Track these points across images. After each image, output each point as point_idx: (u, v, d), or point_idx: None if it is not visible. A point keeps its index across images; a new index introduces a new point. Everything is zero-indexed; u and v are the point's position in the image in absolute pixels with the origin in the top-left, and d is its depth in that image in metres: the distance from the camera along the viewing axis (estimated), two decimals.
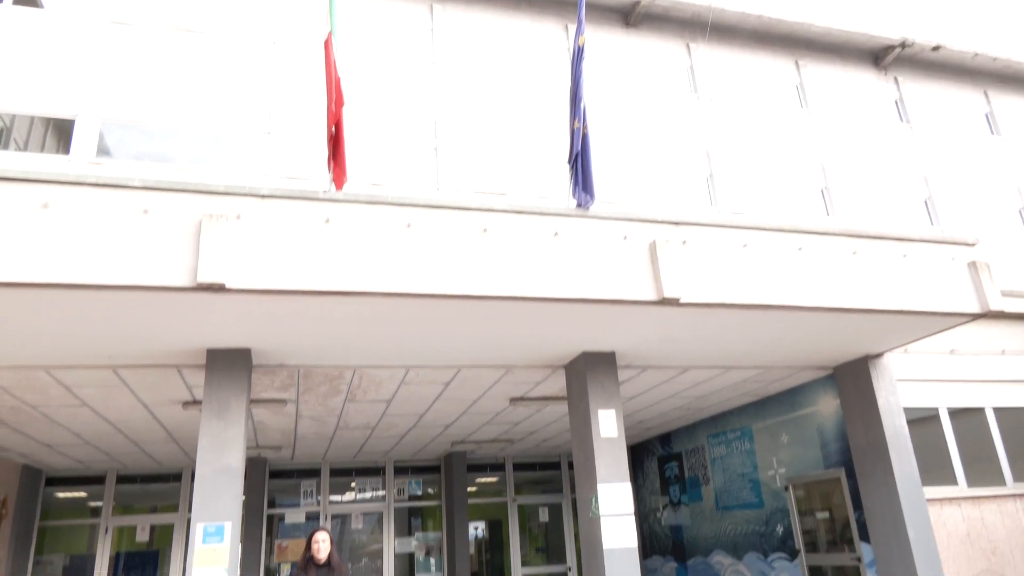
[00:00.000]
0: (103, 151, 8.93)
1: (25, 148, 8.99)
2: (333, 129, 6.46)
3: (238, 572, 6.38)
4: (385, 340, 6.85)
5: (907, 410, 9.13)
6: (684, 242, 6.52)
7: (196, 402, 8.27)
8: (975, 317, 7.31)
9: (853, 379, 9.01)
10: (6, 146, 8.69)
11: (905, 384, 9.49)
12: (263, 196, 5.62)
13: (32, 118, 8.96)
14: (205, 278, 5.18)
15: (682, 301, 6.32)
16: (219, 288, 5.27)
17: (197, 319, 5.95)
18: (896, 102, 13.21)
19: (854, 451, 8.99)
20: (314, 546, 5.63)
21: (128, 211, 5.24)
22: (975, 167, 12.91)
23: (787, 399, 10.43)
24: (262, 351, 6.92)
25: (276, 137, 9.44)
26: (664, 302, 6.30)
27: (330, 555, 5.63)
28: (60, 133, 9.05)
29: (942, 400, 9.78)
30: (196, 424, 9.44)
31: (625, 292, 6.22)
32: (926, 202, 12.23)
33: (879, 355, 8.83)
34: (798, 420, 10.21)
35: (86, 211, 5.16)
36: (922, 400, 9.63)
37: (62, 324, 5.82)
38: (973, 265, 7.30)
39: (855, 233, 7.20)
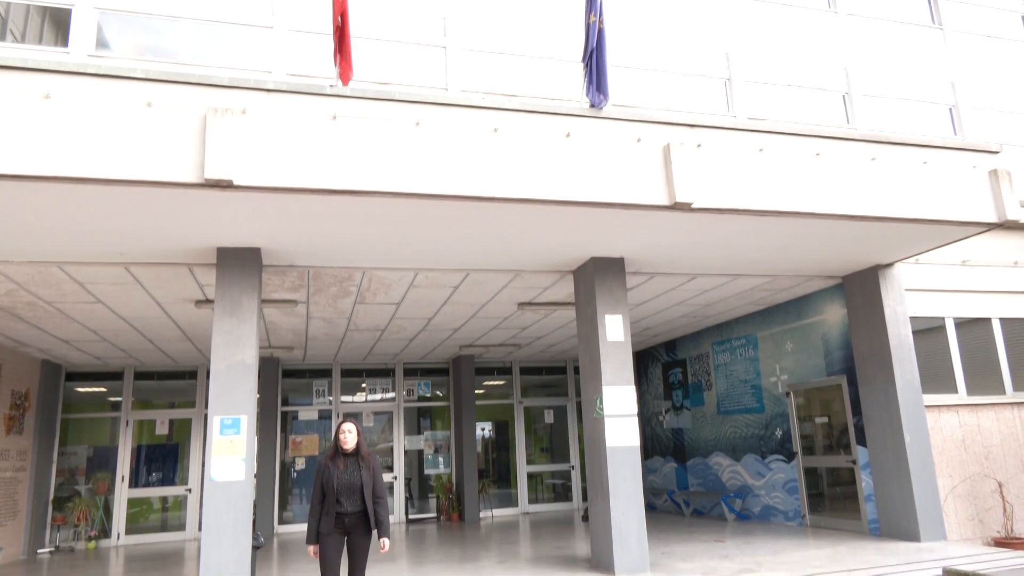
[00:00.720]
0: (102, 44, 8.66)
1: (23, 40, 8.72)
2: (339, 20, 6.20)
3: (254, 462, 6.65)
4: (394, 241, 6.84)
5: (913, 320, 9.18)
6: (699, 145, 6.37)
7: (208, 301, 8.39)
8: (991, 227, 7.22)
9: (861, 288, 9.01)
10: (3, 37, 8.44)
11: (913, 294, 9.49)
12: (269, 90, 5.48)
13: (28, 7, 8.65)
14: (212, 174, 5.13)
15: (694, 206, 6.25)
16: (227, 185, 5.22)
17: (206, 217, 5.93)
18: (929, 1, 12.55)
19: (857, 359, 9.11)
20: (341, 436, 5.41)
21: (131, 103, 5.13)
22: (1005, 74, 12.40)
23: (793, 308, 10.49)
24: (272, 251, 6.94)
25: (279, 32, 9.11)
26: (676, 207, 6.22)
27: (358, 445, 5.44)
28: (58, 26, 8.75)
29: (949, 310, 9.80)
30: (209, 323, 9.63)
31: (637, 196, 6.14)
32: (951, 110, 11.84)
33: (890, 265, 8.80)
34: (803, 328, 10.29)
35: (88, 103, 5.05)
36: (929, 310, 9.65)
37: (72, 220, 5.82)
38: (994, 173, 7.13)
39: (875, 139, 7.01)
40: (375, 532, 5.45)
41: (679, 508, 13.12)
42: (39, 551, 11.80)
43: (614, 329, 7.76)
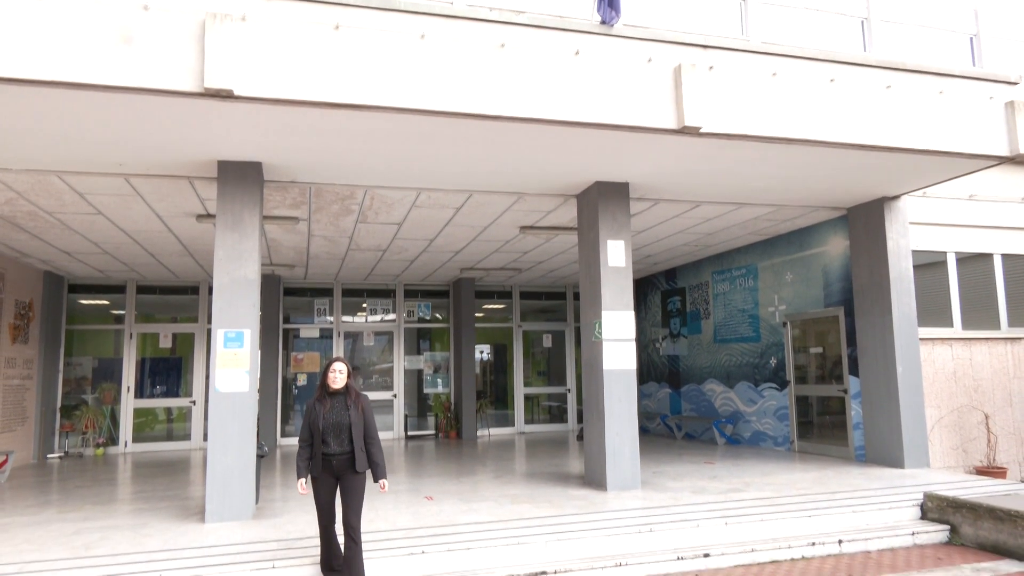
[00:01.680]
0: None
1: None
2: None
3: (257, 375, 6.79)
4: (397, 159, 6.76)
5: (915, 253, 9.19)
6: (711, 68, 6.21)
7: (209, 216, 8.35)
8: (1003, 160, 7.12)
9: (866, 220, 8.97)
10: None
11: (917, 227, 9.46)
12: None
13: None
14: (212, 83, 5.02)
15: (703, 131, 6.14)
16: (227, 95, 5.12)
17: (206, 128, 5.84)
18: None
19: (856, 291, 9.16)
20: (330, 375, 5.08)
21: (127, 5, 4.96)
22: None
23: (796, 239, 10.47)
24: (273, 166, 6.87)
25: None
26: (684, 131, 6.12)
27: (347, 385, 5.12)
28: None
29: (952, 245, 9.79)
30: (210, 238, 9.63)
31: (645, 119, 6.02)
32: (971, 39, 11.47)
33: (896, 197, 8.73)
34: (804, 260, 10.31)
35: (83, 3, 4.88)
36: (932, 244, 9.64)
37: (70, 128, 5.72)
38: (1010, 105, 6.98)
39: (892, 65, 6.83)
40: (368, 473, 5.18)
41: (671, 432, 13.47)
42: (48, 456, 12.18)
43: (616, 254, 7.77)
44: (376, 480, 5.08)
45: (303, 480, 5.02)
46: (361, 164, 6.88)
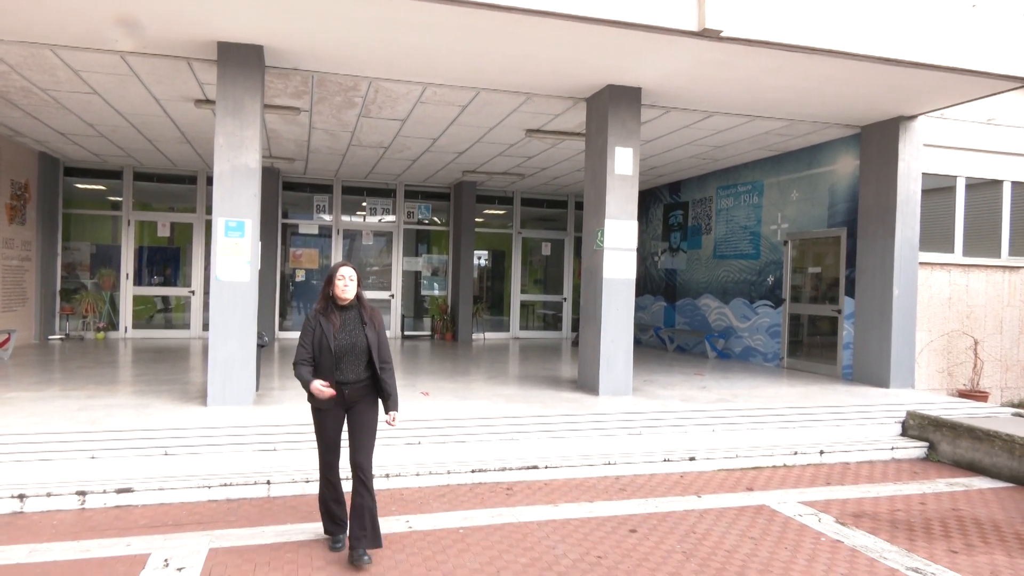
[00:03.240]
0: None
1: None
2: None
3: (258, 266, 6.79)
4: (403, 51, 6.51)
5: (925, 177, 9.07)
6: None
7: (208, 101, 8.12)
8: None
9: (879, 140, 8.80)
10: None
11: (930, 150, 9.30)
12: None
13: None
14: None
15: (724, 35, 5.90)
16: None
17: (205, 3, 5.57)
18: None
19: (861, 212, 9.09)
20: (337, 283, 4.07)
21: None
22: None
23: (805, 156, 10.29)
24: (275, 50, 6.61)
25: None
26: (704, 34, 5.88)
27: (358, 295, 4.15)
28: None
29: (963, 169, 9.65)
30: (209, 126, 9.42)
31: (664, 18, 5.77)
32: None
33: (912, 118, 8.52)
34: (812, 178, 10.18)
35: None
36: (943, 168, 9.50)
37: None
38: None
39: None
40: (380, 404, 4.22)
41: (663, 344, 13.70)
42: (50, 337, 12.36)
43: (623, 162, 7.64)
44: (387, 412, 4.17)
45: (317, 382, 3.94)
46: (366, 53, 6.63)
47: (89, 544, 4.20)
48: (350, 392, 4.07)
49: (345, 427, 4.19)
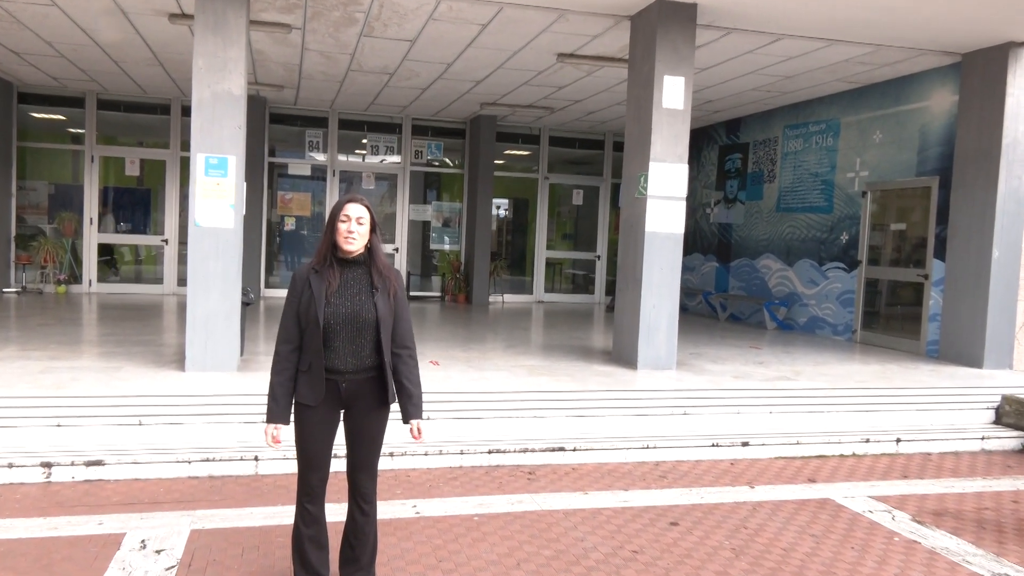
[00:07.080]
0: None
1: None
2: None
3: (243, 210, 6.86)
4: None
5: None
6: None
7: (185, 16, 8.13)
8: None
9: (983, 70, 8.60)
10: None
11: None
12: None
13: None
14: None
15: None
16: None
17: None
18: None
19: (957, 157, 8.94)
20: (340, 226, 3.21)
21: None
22: None
23: (892, 90, 10.10)
24: None
25: None
26: None
27: (370, 247, 3.29)
28: None
29: None
30: (184, 45, 9.44)
31: None
32: None
33: None
34: (899, 116, 9.99)
35: None
36: None
37: None
38: None
39: None
40: (393, 407, 3.42)
41: (714, 311, 13.70)
42: (4, 290, 12.63)
43: (673, 93, 7.56)
44: (407, 420, 3.39)
45: (273, 426, 3.27)
46: None
47: (57, 521, 4.36)
48: (348, 385, 3.29)
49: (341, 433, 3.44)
